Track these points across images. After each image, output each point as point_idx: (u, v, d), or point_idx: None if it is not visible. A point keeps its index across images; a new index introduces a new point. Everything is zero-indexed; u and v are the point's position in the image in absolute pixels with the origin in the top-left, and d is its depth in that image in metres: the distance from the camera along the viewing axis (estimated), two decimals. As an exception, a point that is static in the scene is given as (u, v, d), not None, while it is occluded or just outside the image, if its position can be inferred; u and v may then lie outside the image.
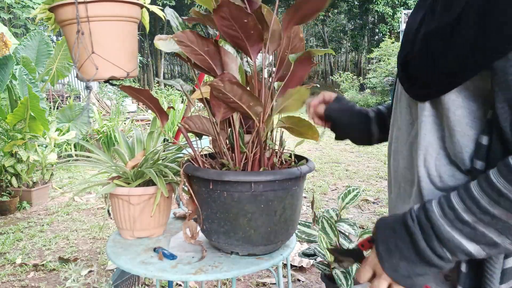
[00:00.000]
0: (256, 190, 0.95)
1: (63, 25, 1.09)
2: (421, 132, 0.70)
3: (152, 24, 22.46)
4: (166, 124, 1.88)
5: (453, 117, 0.65)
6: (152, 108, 1.03)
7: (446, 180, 0.68)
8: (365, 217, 3.53)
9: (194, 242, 1.11)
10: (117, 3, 1.07)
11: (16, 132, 3.69)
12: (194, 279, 0.97)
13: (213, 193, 0.97)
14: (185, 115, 1.82)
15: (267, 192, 0.96)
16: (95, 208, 3.85)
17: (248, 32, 0.89)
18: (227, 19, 0.86)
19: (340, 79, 15.71)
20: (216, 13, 0.85)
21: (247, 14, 0.85)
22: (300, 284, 2.40)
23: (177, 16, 1.06)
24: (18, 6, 8.30)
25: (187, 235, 1.11)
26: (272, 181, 0.95)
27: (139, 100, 1.02)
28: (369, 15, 24.09)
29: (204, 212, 1.02)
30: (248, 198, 0.95)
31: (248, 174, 0.96)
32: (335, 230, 1.94)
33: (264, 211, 0.97)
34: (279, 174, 0.96)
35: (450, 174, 0.68)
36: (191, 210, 1.07)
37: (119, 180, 1.19)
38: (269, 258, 1.04)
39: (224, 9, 0.83)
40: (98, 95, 9.88)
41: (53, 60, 4.07)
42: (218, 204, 0.97)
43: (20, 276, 2.52)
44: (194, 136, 1.09)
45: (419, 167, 0.70)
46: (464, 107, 0.64)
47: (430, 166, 0.69)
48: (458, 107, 0.64)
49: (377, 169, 5.34)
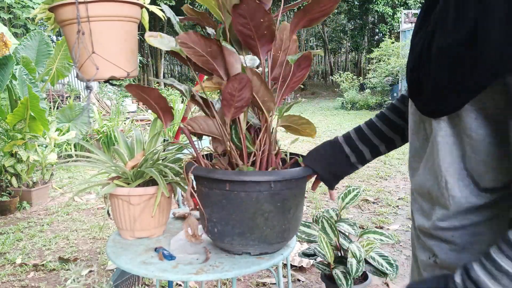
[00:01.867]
0: (275, 189, 0.96)
1: (63, 25, 1.09)
2: (439, 154, 0.68)
3: (152, 24, 22.43)
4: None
5: (476, 137, 0.63)
6: (155, 109, 1.02)
7: (472, 201, 0.66)
8: (365, 217, 3.53)
9: (195, 241, 1.10)
10: (118, 3, 1.07)
11: (16, 132, 3.69)
12: (195, 279, 0.97)
13: (229, 194, 0.97)
14: (185, 115, 1.82)
15: (284, 191, 0.98)
16: (95, 208, 3.85)
17: (262, 32, 0.89)
18: (244, 17, 0.86)
19: (340, 79, 15.70)
20: (235, 10, 0.85)
21: (265, 14, 0.85)
22: (300, 284, 2.40)
23: (173, 14, 1.06)
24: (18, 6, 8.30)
25: (188, 234, 1.11)
26: (289, 180, 0.98)
27: (143, 101, 1.00)
28: (369, 15, 24.08)
29: (216, 215, 1.01)
30: (266, 198, 0.96)
31: (267, 173, 0.97)
32: (335, 230, 1.94)
33: (280, 209, 0.99)
34: (296, 173, 0.99)
35: (475, 194, 0.66)
36: (192, 207, 1.06)
37: (119, 180, 1.19)
38: (269, 258, 1.04)
39: (243, 7, 0.83)
40: (98, 95, 9.88)
41: (53, 60, 4.07)
42: (235, 205, 0.97)
43: (20, 276, 2.52)
44: (195, 137, 1.08)
45: (442, 188, 0.69)
46: (485, 126, 0.63)
47: (453, 187, 0.67)
48: (479, 127, 0.63)
49: (377, 169, 5.34)
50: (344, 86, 15.07)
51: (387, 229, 3.23)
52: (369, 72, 14.64)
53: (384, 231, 2.03)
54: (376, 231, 2.01)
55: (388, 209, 3.73)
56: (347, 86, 15.04)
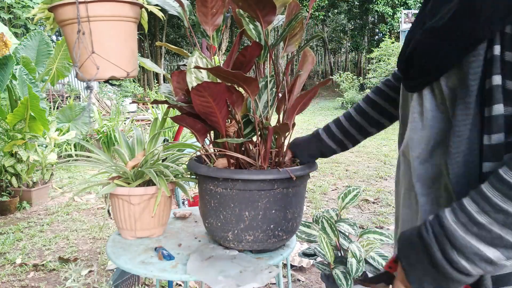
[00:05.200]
0: (297, 184, 1.02)
1: (63, 25, 1.09)
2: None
3: (152, 24, 22.45)
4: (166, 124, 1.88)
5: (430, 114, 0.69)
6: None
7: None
8: (365, 217, 3.53)
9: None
10: (117, 3, 1.06)
11: (16, 132, 3.69)
12: (195, 279, 0.97)
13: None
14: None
15: (299, 187, 1.04)
16: (95, 208, 3.85)
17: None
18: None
19: (340, 79, 15.70)
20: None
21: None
22: (300, 284, 2.40)
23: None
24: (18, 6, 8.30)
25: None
26: (303, 176, 1.03)
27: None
28: (369, 15, 24.08)
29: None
30: (288, 193, 1.01)
31: (298, 169, 1.00)
32: (335, 230, 1.94)
33: (294, 203, 1.04)
34: (307, 169, 1.04)
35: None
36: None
37: (119, 180, 1.19)
38: (269, 258, 1.05)
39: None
40: (98, 95, 9.88)
41: (53, 60, 4.07)
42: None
43: (20, 276, 2.52)
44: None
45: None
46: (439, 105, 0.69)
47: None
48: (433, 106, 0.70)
49: (377, 169, 5.34)
50: (344, 86, 15.06)
51: (387, 229, 3.23)
52: (369, 72, 14.63)
53: (384, 231, 2.03)
54: (376, 231, 2.01)
55: (388, 209, 3.73)
56: (347, 86, 15.02)
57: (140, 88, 14.36)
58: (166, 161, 1.25)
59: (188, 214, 1.40)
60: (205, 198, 1.05)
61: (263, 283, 0.92)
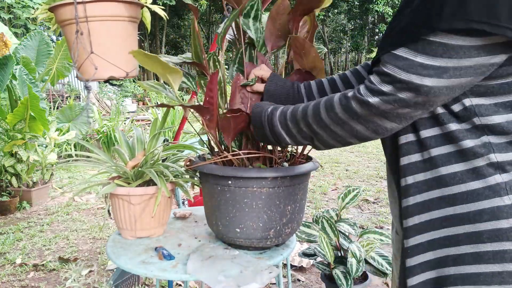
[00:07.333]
0: (305, 181, 1.06)
1: (63, 25, 1.09)
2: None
3: (152, 24, 22.44)
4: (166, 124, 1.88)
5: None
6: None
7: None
8: (365, 217, 3.53)
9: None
10: (116, 3, 1.06)
11: (16, 132, 3.69)
12: (195, 278, 0.97)
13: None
14: (185, 115, 1.82)
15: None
16: (95, 208, 3.85)
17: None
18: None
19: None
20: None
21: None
22: (300, 284, 2.40)
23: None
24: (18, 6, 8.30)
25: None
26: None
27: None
28: (369, 15, 24.08)
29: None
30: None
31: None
32: (335, 230, 1.94)
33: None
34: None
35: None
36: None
37: (119, 180, 1.19)
38: (269, 258, 1.05)
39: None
40: (98, 95, 9.88)
41: (53, 60, 4.07)
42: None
43: (20, 276, 2.52)
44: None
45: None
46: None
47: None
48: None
49: (377, 169, 5.34)
50: (344, 86, 15.05)
51: (387, 229, 3.23)
52: (369, 72, 14.60)
53: (384, 231, 2.03)
54: (376, 231, 2.01)
55: (388, 209, 3.73)
56: (347, 86, 15.01)
57: (140, 88, 14.35)
58: (166, 161, 1.25)
59: (188, 214, 1.40)
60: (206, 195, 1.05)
61: (263, 283, 0.92)
